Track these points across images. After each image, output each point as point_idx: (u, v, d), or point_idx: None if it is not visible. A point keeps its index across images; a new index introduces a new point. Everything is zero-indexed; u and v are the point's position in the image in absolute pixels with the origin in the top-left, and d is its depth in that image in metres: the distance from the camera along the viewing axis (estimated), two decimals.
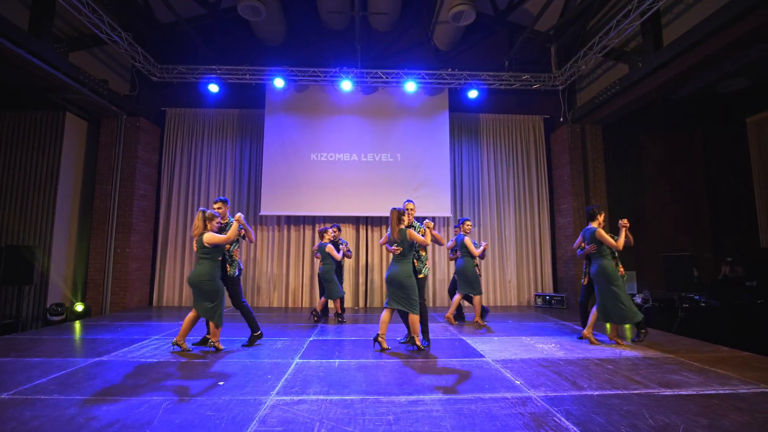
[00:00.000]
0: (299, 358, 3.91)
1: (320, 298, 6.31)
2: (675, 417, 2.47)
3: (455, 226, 5.89)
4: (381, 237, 8.31)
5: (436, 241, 4.36)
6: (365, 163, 8.26)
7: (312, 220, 8.38)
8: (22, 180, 7.17)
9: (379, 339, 4.25)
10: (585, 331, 4.66)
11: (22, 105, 7.30)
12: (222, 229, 4.37)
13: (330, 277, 5.95)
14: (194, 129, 8.58)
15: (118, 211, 7.59)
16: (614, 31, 6.24)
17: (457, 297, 5.91)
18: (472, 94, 8.15)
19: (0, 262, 6.21)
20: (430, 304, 8.17)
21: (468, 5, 7.06)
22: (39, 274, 6.82)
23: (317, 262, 6.42)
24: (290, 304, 8.16)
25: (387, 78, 8.04)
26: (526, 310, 7.54)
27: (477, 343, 4.65)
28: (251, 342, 4.47)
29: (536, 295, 8.24)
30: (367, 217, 8.43)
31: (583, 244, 4.71)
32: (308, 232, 8.40)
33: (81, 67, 6.54)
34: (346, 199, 8.11)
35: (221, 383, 3.11)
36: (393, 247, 4.26)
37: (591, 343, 4.54)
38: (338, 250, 6.14)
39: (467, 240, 5.72)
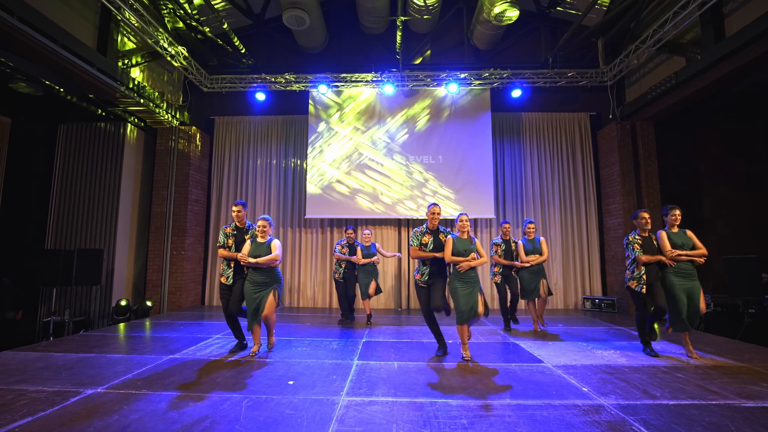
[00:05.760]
0: (358, 359, 4.01)
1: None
2: (765, 431, 2.36)
3: None
4: None
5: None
6: (407, 166, 8.31)
7: (354, 223, 8.51)
8: (89, 188, 7.73)
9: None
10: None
11: (85, 117, 7.85)
12: (242, 233, 4.36)
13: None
14: (241, 136, 8.93)
15: (174, 215, 8.02)
16: (670, 24, 5.98)
17: None
18: (516, 93, 8.02)
19: (73, 264, 6.72)
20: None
21: (510, 3, 6.96)
22: (105, 275, 7.33)
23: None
24: (334, 305, 8.32)
25: (428, 80, 8.06)
26: (573, 314, 7.34)
27: (532, 347, 4.58)
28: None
29: (584, 298, 8.00)
30: (408, 220, 8.48)
31: None
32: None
33: (140, 80, 6.96)
34: (388, 202, 8.19)
35: (291, 383, 3.24)
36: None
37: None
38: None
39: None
